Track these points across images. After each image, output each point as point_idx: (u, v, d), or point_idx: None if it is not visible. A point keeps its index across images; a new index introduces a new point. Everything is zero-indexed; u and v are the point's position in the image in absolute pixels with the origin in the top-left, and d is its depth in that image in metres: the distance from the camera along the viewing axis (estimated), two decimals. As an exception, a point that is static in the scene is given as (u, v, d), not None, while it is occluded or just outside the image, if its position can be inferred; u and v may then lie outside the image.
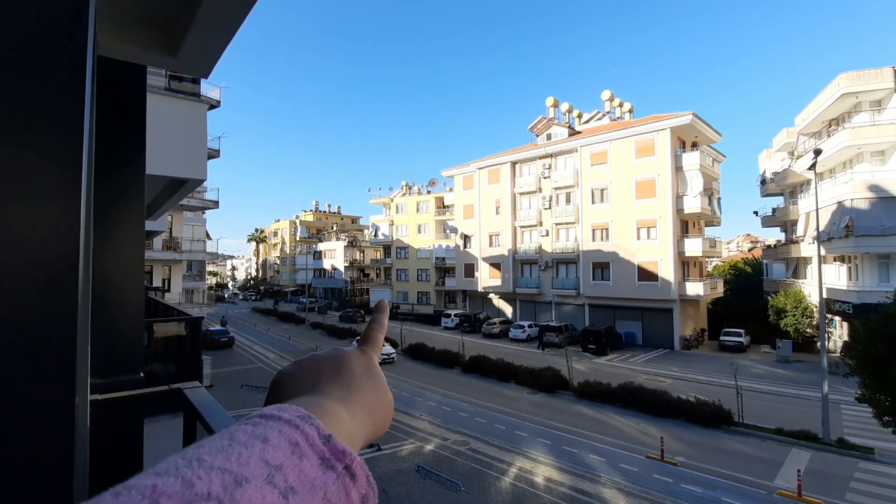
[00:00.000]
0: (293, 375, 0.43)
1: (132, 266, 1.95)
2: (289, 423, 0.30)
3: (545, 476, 12.73)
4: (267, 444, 0.28)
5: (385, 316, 0.54)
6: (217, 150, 20.71)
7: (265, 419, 0.30)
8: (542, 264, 37.75)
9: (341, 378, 0.43)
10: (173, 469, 0.24)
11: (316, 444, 0.30)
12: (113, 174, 1.88)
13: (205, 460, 0.25)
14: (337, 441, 0.31)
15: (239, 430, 0.29)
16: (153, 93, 6.10)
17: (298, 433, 0.30)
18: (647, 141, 32.18)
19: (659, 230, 31.26)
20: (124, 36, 1.75)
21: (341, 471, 0.30)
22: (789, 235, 35.66)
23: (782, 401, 19.30)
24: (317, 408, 0.35)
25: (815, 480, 12.12)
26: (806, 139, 31.43)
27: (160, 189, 6.37)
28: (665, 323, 31.33)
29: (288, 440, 0.29)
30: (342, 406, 0.39)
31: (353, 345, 0.51)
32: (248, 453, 0.27)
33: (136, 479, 0.23)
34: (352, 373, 0.44)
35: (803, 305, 29.17)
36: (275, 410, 0.31)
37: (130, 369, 1.88)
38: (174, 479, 0.23)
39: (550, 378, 21.10)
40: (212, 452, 0.26)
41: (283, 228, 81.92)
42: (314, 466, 0.29)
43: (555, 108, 42.10)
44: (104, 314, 1.84)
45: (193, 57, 1.87)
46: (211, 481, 0.24)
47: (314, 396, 0.39)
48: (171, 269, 30.39)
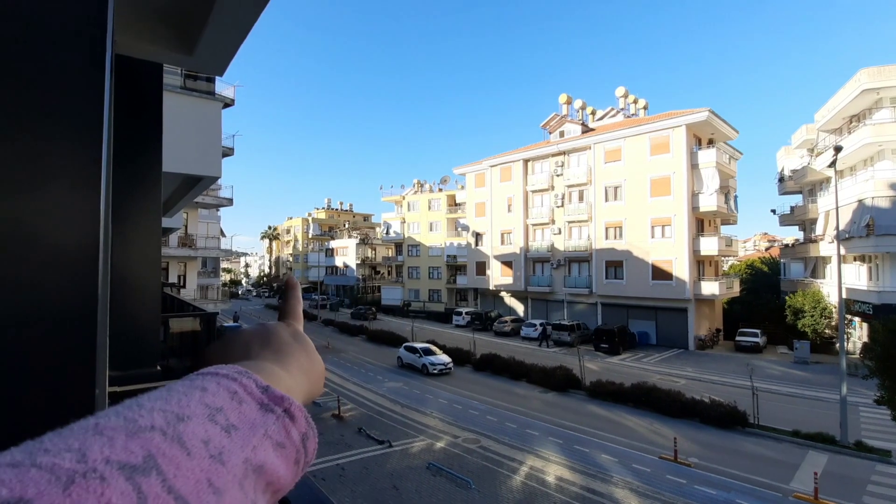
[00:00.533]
0: (223, 349, 0.44)
1: (149, 261, 1.98)
2: (226, 377, 0.32)
3: (556, 475, 12.69)
4: (206, 392, 0.29)
5: (298, 290, 0.56)
6: (231, 149, 20.97)
7: (202, 375, 0.32)
8: (555, 262, 37.52)
9: (271, 345, 0.44)
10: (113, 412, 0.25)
11: (254, 392, 0.31)
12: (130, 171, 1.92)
13: (145, 405, 0.26)
14: (274, 389, 0.33)
15: (176, 384, 0.30)
16: (169, 91, 6.20)
17: (236, 384, 0.31)
18: (663, 138, 31.74)
19: (674, 228, 30.85)
20: (141, 34, 1.77)
21: (280, 413, 0.32)
22: (808, 234, 34.93)
23: (799, 402, 18.94)
24: (253, 367, 0.36)
25: (832, 483, 11.88)
26: (826, 136, 30.71)
27: (176, 186, 6.47)
28: (679, 322, 30.93)
29: (227, 389, 0.30)
30: (277, 366, 0.40)
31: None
32: (187, 399, 0.28)
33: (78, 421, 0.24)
34: (280, 340, 0.45)
35: (822, 306, 28.56)
36: (211, 369, 0.33)
37: (148, 363, 1.92)
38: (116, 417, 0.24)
39: (562, 377, 20.99)
40: (151, 399, 0.27)
41: (296, 226, 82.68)
42: (253, 409, 0.30)
43: (568, 106, 41.76)
44: (123, 308, 1.88)
45: (208, 55, 1.89)
46: (153, 418, 0.25)
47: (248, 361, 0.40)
48: (186, 265, 30.89)
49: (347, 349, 31.36)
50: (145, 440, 0.23)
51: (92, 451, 0.21)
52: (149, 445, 0.23)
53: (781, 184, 38.74)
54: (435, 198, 53.80)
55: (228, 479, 0.25)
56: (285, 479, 0.31)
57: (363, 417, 17.26)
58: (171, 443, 0.24)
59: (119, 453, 0.22)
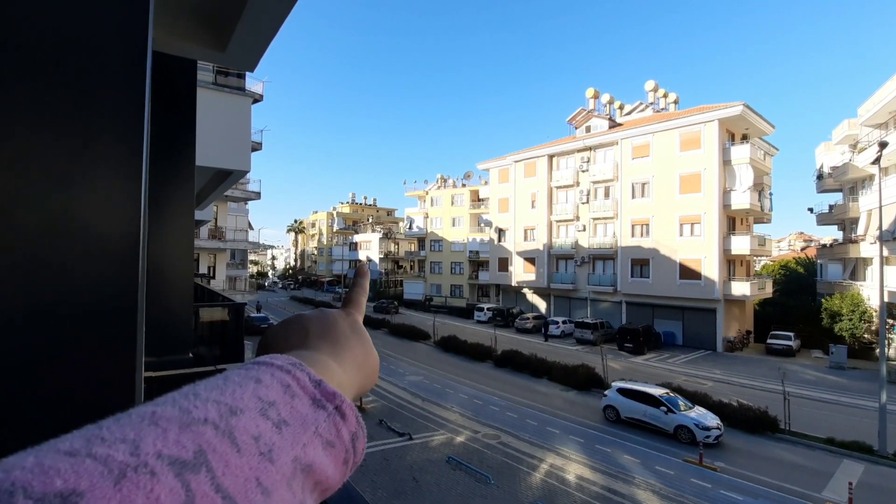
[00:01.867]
0: (282, 334, 0.44)
1: (183, 252, 2.05)
2: (280, 369, 0.31)
3: (577, 474, 12.58)
4: (259, 384, 0.29)
5: (366, 279, 0.56)
6: (259, 143, 21.42)
7: (258, 365, 0.32)
8: (578, 260, 37.01)
9: (329, 335, 0.44)
10: (170, 400, 0.25)
11: (307, 387, 0.31)
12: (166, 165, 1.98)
13: (200, 394, 0.26)
14: (327, 385, 0.32)
15: (233, 372, 0.30)
16: (201, 87, 6.37)
17: (290, 377, 0.31)
18: (693, 133, 30.81)
19: (703, 227, 29.97)
20: (177, 32, 1.83)
21: (332, 410, 0.31)
22: (847, 234, 33.39)
23: (834, 409, 18.20)
24: (307, 359, 0.36)
25: (868, 494, 11.40)
26: (870, 131, 29.24)
27: (207, 180, 6.66)
28: (707, 323, 30.10)
29: (280, 382, 0.30)
30: (331, 359, 0.40)
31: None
32: (241, 391, 0.28)
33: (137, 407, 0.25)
34: (338, 331, 0.45)
35: (861, 309, 27.30)
36: (267, 358, 0.32)
37: (181, 350, 2.00)
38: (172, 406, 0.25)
39: (584, 376, 20.75)
40: (207, 389, 0.27)
41: (321, 220, 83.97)
42: (305, 405, 0.30)
43: (595, 100, 40.96)
44: (158, 297, 1.95)
45: (240, 51, 1.94)
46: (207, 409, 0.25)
47: (304, 351, 0.40)
48: (216, 257, 31.80)
49: (370, 342, 31.73)
50: (197, 434, 0.23)
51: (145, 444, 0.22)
52: (200, 440, 0.23)
53: (820, 181, 37.12)
54: (458, 193, 53.73)
55: (277, 479, 0.25)
56: (333, 479, 0.31)
57: (384, 409, 17.48)
58: (222, 438, 0.24)
59: (171, 447, 0.22)
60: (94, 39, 0.66)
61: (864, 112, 29.21)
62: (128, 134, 0.68)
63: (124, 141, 0.68)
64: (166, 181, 2.04)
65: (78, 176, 0.64)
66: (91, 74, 0.66)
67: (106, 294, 0.65)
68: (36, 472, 0.18)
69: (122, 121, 0.68)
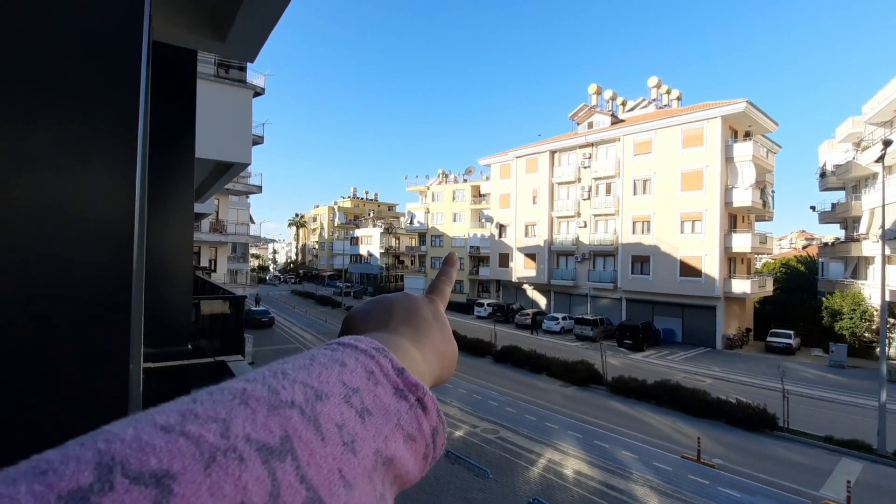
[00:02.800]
0: (366, 312, 0.44)
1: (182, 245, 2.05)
2: (364, 353, 0.31)
3: (575, 469, 12.63)
4: (345, 368, 0.28)
5: (454, 269, 0.55)
6: (261, 137, 21.37)
7: (343, 346, 0.31)
8: (579, 256, 36.99)
9: (412, 320, 0.43)
10: (261, 378, 0.25)
11: (390, 375, 0.30)
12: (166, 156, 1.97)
13: (289, 374, 0.26)
14: (410, 374, 0.31)
15: (319, 352, 0.30)
16: (202, 79, 6.35)
17: (373, 363, 0.30)
18: (696, 130, 30.69)
19: (704, 224, 29.92)
20: (177, 21, 1.81)
21: (413, 402, 0.30)
22: (850, 233, 33.31)
23: (833, 408, 18.23)
24: (390, 343, 0.35)
25: (867, 493, 11.43)
26: (874, 129, 29.09)
27: (208, 172, 6.64)
28: (707, 320, 30.11)
29: (364, 367, 0.29)
30: (413, 346, 0.39)
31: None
32: (327, 373, 0.27)
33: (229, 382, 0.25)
34: (421, 317, 0.44)
35: (862, 308, 27.28)
36: (351, 340, 0.32)
37: (180, 341, 1.99)
38: (262, 385, 0.24)
39: (583, 371, 20.79)
40: (295, 369, 0.27)
41: (322, 214, 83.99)
42: (388, 394, 0.29)
43: (597, 96, 40.77)
44: (157, 289, 1.95)
45: (240, 42, 1.92)
46: (294, 392, 0.25)
47: (386, 333, 0.39)
48: (217, 250, 31.83)
49: (370, 336, 31.79)
50: (284, 418, 0.23)
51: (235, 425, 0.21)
52: (287, 425, 0.23)
53: (823, 179, 36.99)
54: (459, 188, 53.66)
55: (359, 472, 0.25)
56: (413, 473, 0.30)
57: (384, 404, 17.52)
58: (308, 425, 0.24)
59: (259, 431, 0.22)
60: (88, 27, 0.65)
61: (869, 110, 29.06)
62: (123, 122, 0.67)
63: (119, 129, 0.67)
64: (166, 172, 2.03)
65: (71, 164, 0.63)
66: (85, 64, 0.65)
67: (99, 282, 0.65)
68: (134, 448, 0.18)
69: (117, 110, 0.68)
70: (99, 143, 0.65)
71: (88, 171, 0.64)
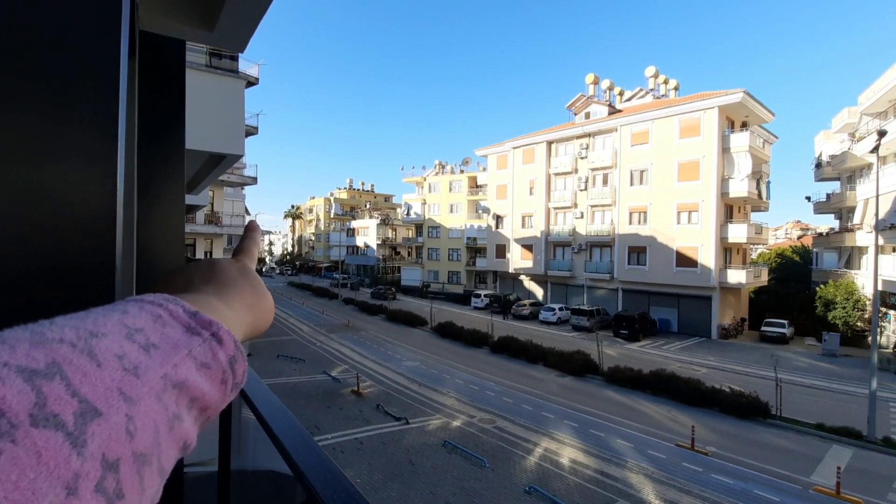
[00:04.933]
0: (166, 280, 0.45)
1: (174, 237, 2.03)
2: (151, 303, 0.31)
3: (570, 458, 12.78)
4: (126, 314, 0.28)
5: (258, 233, 0.59)
6: (255, 128, 21.17)
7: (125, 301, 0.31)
8: (576, 247, 37.07)
9: (214, 279, 0.44)
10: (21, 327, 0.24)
11: (180, 317, 0.31)
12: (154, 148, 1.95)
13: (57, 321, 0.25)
14: (203, 315, 0.32)
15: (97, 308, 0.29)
16: (193, 69, 6.26)
17: (161, 309, 0.31)
18: (693, 120, 30.64)
19: (701, 214, 30.01)
20: (163, 10, 1.78)
21: (207, 336, 0.31)
22: (844, 223, 33.51)
23: (825, 396, 18.47)
24: (188, 298, 0.35)
25: (856, 478, 11.63)
26: (869, 120, 29.12)
27: (200, 164, 6.58)
28: (702, 311, 30.33)
29: (150, 314, 0.30)
30: (216, 299, 0.40)
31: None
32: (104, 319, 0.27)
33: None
34: (225, 275, 0.45)
35: (855, 297, 27.53)
36: (136, 297, 0.32)
37: (172, 335, 1.97)
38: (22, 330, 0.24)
39: (580, 362, 20.95)
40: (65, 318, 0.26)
41: (319, 205, 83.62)
42: (178, 332, 0.30)
43: (595, 86, 40.58)
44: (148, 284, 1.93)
45: (229, 31, 1.89)
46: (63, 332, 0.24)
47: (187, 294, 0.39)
48: (212, 242, 31.68)
49: (367, 328, 31.91)
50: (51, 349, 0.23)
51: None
52: (54, 354, 0.22)
53: (818, 170, 37.12)
54: (456, 179, 53.51)
55: (143, 391, 0.25)
56: (211, 397, 0.31)
57: (381, 394, 17.64)
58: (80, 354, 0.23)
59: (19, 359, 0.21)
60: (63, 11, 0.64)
61: (865, 100, 29.07)
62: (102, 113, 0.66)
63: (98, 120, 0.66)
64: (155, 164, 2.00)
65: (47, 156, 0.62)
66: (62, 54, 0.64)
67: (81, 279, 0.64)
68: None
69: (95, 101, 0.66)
70: (77, 135, 0.64)
71: (66, 165, 0.63)
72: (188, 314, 0.32)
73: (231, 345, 0.33)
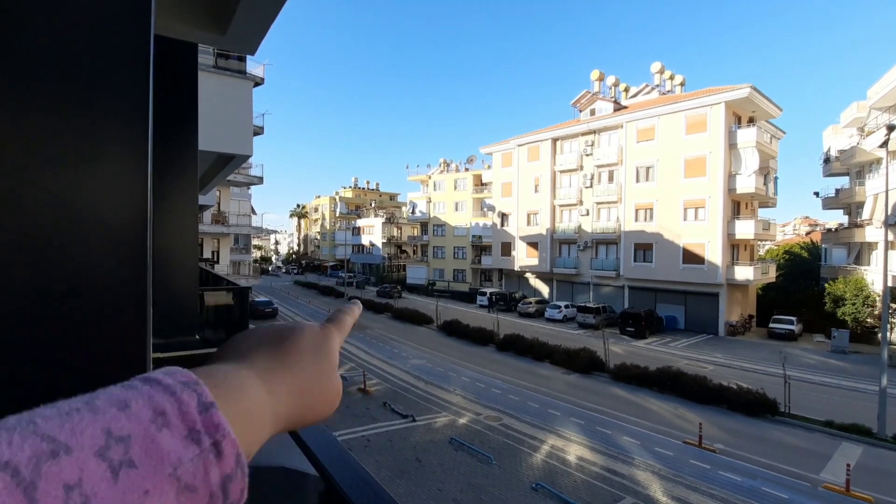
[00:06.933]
0: (235, 342, 0.40)
1: (187, 237, 2.07)
2: (165, 389, 0.27)
3: (577, 455, 12.78)
4: (123, 411, 0.25)
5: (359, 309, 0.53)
6: (261, 127, 21.28)
7: (143, 383, 0.27)
8: (581, 244, 36.96)
9: (278, 351, 0.38)
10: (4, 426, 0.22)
11: (188, 414, 0.27)
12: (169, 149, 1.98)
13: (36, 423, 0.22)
14: (217, 413, 0.28)
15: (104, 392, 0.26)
16: (202, 70, 6.31)
17: (172, 400, 0.27)
18: (699, 116, 30.42)
19: (707, 211, 29.81)
20: (177, 15, 1.81)
21: (207, 446, 0.27)
22: (853, 219, 33.16)
23: (834, 393, 18.33)
24: (220, 375, 0.31)
25: (866, 476, 11.55)
26: (879, 114, 28.77)
27: (209, 164, 6.64)
28: (710, 307, 30.16)
29: (154, 409, 0.26)
30: (261, 379, 0.34)
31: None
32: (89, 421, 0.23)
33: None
34: (294, 347, 0.39)
35: (864, 294, 27.26)
36: (159, 374, 0.28)
37: (188, 331, 2.02)
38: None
39: (586, 359, 20.92)
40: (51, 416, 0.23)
41: (324, 204, 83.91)
42: (174, 438, 0.26)
43: (600, 82, 40.35)
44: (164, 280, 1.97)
45: (241, 34, 1.92)
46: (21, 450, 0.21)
47: (233, 363, 0.35)
48: (219, 241, 31.90)
49: (373, 326, 32.00)
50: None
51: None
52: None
53: (827, 165, 36.73)
54: (461, 177, 53.46)
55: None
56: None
57: (388, 392, 17.71)
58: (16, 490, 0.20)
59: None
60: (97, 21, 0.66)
61: (874, 94, 28.71)
62: (132, 116, 0.69)
63: (129, 123, 0.68)
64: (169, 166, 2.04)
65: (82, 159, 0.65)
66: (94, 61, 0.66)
67: (115, 278, 0.67)
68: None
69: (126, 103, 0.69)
70: (110, 140, 0.67)
71: (101, 170, 0.66)
72: (200, 408, 0.27)
73: (231, 460, 0.28)
